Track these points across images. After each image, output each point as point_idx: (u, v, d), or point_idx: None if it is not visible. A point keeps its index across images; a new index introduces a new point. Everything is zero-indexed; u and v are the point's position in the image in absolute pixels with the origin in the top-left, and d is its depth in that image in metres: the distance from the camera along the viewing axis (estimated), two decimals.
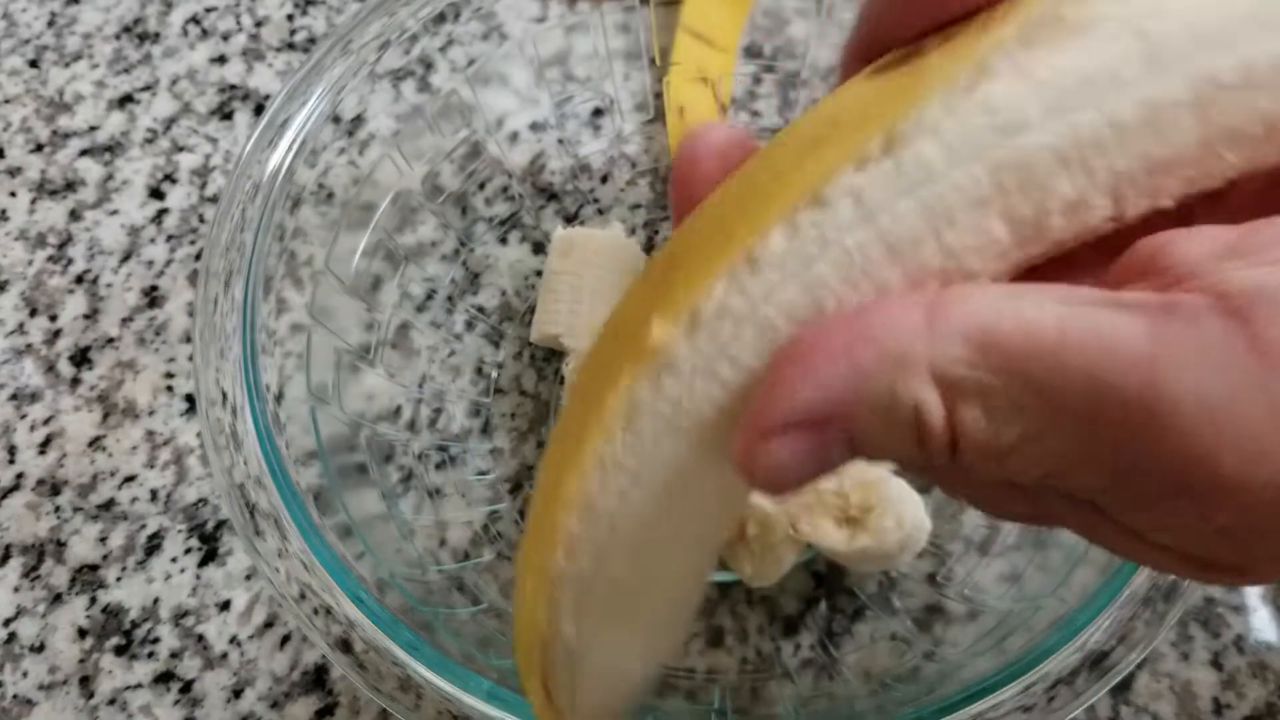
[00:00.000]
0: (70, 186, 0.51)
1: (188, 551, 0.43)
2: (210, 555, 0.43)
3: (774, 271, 0.16)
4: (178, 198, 0.51)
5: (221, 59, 0.54)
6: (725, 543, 0.39)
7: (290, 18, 0.55)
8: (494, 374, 0.45)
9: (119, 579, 0.43)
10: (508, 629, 0.36)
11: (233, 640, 0.41)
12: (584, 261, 0.42)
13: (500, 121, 0.45)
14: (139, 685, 0.41)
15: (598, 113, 0.47)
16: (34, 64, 0.55)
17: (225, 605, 0.42)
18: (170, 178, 0.51)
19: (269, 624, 0.42)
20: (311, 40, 0.54)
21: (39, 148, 0.53)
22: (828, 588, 0.40)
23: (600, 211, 0.47)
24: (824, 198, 0.16)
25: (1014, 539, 0.38)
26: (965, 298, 0.16)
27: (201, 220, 0.50)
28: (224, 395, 0.34)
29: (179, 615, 0.42)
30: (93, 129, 0.53)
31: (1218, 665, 0.39)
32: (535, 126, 0.46)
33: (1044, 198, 0.16)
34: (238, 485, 0.33)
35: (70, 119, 0.53)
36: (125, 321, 0.48)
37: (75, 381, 0.47)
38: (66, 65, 0.55)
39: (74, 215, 0.51)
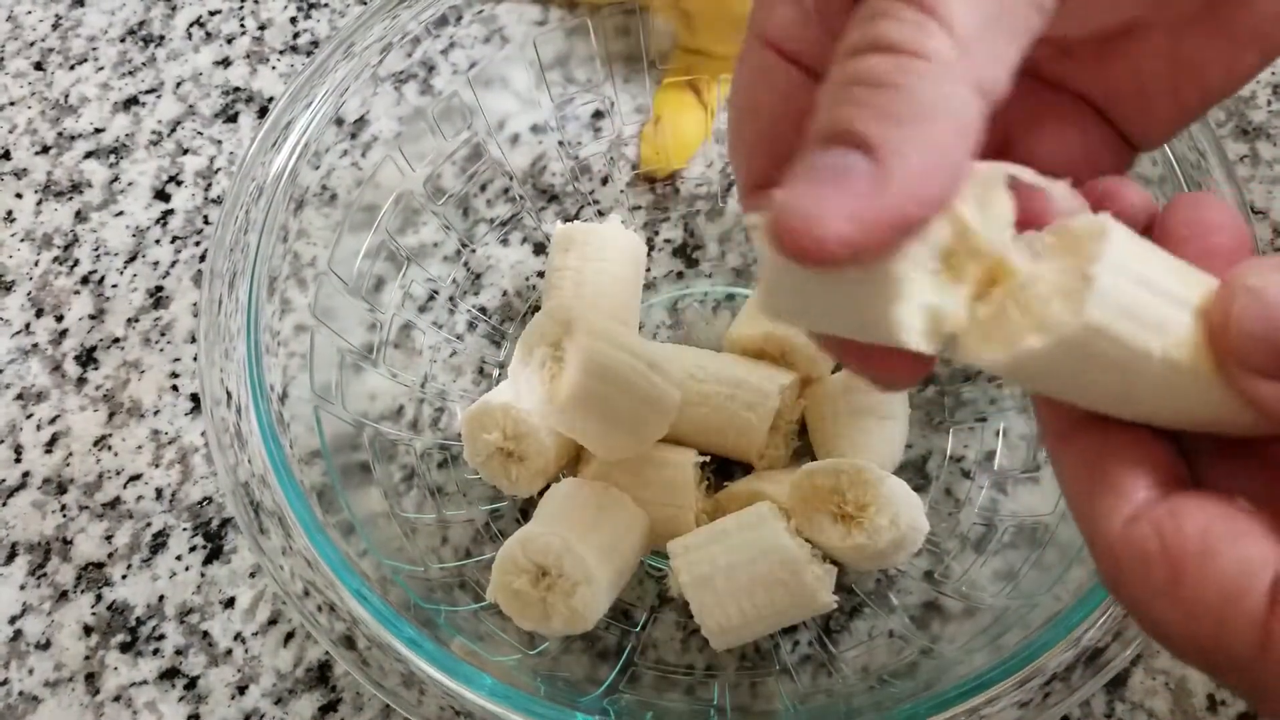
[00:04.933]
0: (76, 188, 0.52)
1: (192, 549, 0.44)
2: (215, 553, 0.43)
3: None
4: (182, 199, 0.51)
5: (225, 62, 0.54)
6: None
7: (293, 20, 0.55)
8: (495, 374, 0.45)
9: (124, 577, 0.43)
10: (509, 626, 0.36)
11: (237, 637, 0.42)
12: (585, 256, 0.42)
13: (501, 123, 0.45)
14: (144, 682, 0.41)
15: (598, 115, 0.47)
16: (39, 66, 0.55)
17: (230, 602, 0.42)
18: (175, 179, 0.52)
19: (273, 621, 0.42)
20: (314, 43, 0.55)
21: (45, 150, 0.53)
22: None
23: (600, 213, 0.48)
24: None
25: (1010, 537, 0.38)
26: None
27: (206, 221, 0.51)
28: (228, 395, 0.35)
29: (184, 612, 0.42)
30: (98, 131, 0.53)
31: None
32: (536, 128, 0.46)
33: None
34: (242, 484, 0.34)
35: (75, 121, 0.54)
36: (131, 322, 0.48)
37: (81, 381, 0.47)
38: (71, 68, 0.55)
39: (80, 217, 0.51)
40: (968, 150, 0.18)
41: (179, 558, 0.43)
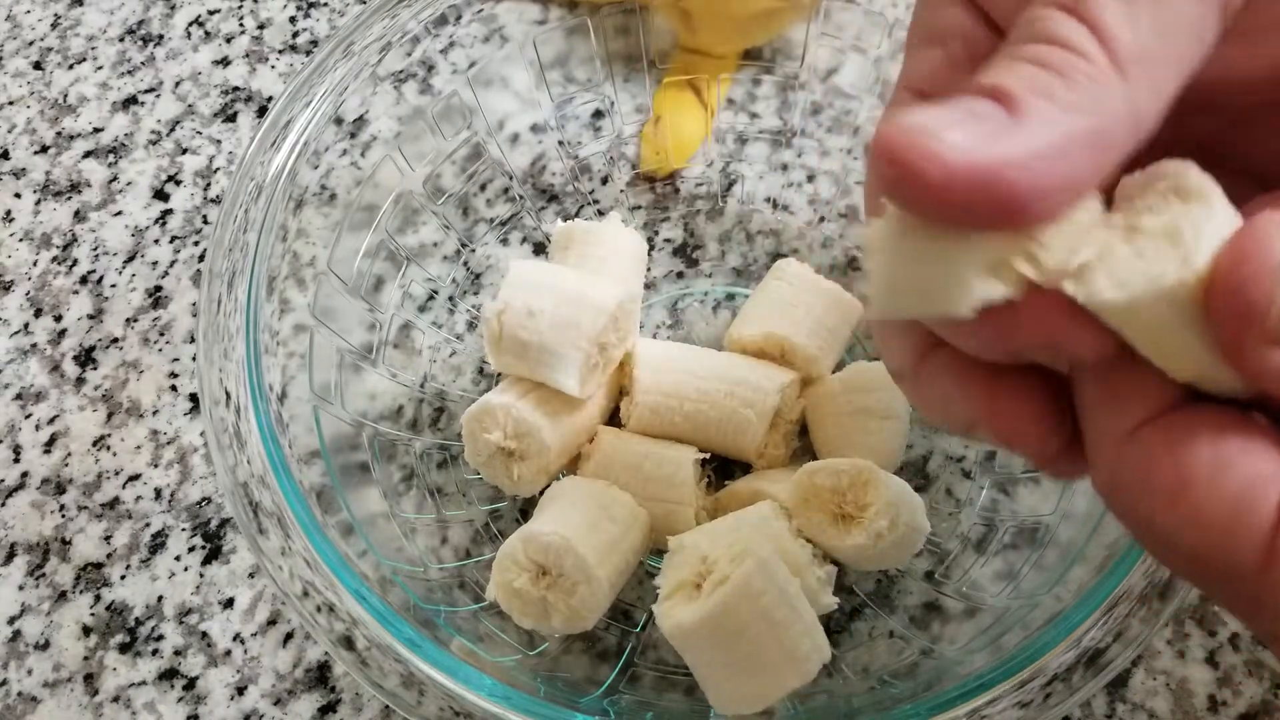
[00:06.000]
0: (75, 188, 0.52)
1: (191, 550, 0.43)
2: (214, 553, 0.43)
3: None
4: (181, 199, 0.51)
5: (225, 61, 0.54)
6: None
7: (292, 20, 0.55)
8: (495, 374, 0.45)
9: (123, 577, 0.43)
10: (508, 626, 0.36)
11: (236, 638, 0.42)
12: (584, 255, 0.42)
13: (501, 123, 0.45)
14: (143, 682, 0.41)
15: (598, 114, 0.47)
16: (38, 66, 0.55)
17: (229, 603, 0.42)
18: (174, 179, 0.52)
19: (272, 621, 0.42)
20: (314, 42, 0.54)
21: (44, 149, 0.53)
22: None
23: (600, 213, 0.48)
24: None
25: (1010, 537, 0.38)
26: None
27: (205, 221, 0.50)
28: (227, 395, 0.35)
29: (183, 613, 0.42)
30: (97, 131, 0.53)
31: (1213, 663, 0.39)
32: (536, 128, 0.46)
33: None
34: (241, 484, 0.34)
35: (74, 121, 0.53)
36: (129, 322, 0.48)
37: (80, 381, 0.47)
38: (70, 67, 0.55)
39: (78, 216, 0.51)
40: (1099, 169, 0.17)
41: (178, 558, 0.43)
